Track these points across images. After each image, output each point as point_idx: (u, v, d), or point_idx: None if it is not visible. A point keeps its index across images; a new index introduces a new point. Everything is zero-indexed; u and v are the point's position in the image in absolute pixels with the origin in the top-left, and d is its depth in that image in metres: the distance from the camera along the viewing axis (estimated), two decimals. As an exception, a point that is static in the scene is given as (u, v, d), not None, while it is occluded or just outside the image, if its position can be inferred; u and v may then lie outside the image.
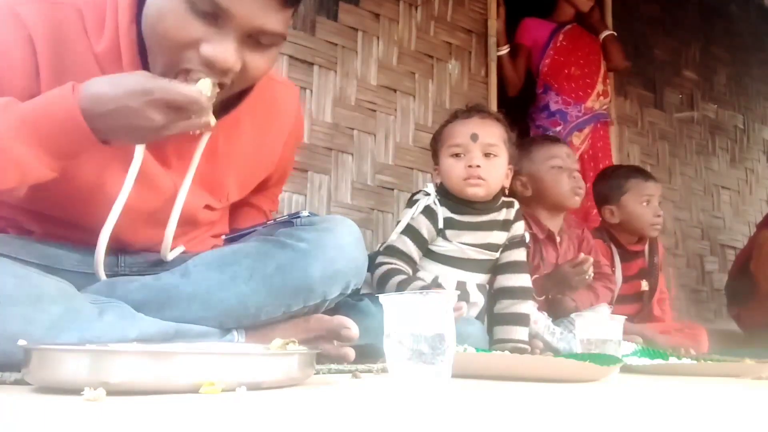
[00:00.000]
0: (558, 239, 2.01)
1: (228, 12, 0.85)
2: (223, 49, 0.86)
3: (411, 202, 1.65)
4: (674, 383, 1.12)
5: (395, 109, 2.38)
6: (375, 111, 2.34)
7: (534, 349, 1.63)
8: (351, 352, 1.13)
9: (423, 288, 1.47)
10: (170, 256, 1.12)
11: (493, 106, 2.62)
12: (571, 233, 2.08)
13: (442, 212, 1.59)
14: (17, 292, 0.84)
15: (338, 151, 2.22)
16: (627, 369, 1.28)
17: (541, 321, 1.73)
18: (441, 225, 1.58)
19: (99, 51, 0.92)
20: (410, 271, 1.54)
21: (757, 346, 2.30)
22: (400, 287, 1.45)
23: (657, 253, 2.36)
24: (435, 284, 1.57)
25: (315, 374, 0.93)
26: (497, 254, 1.66)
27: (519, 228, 1.68)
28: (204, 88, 0.83)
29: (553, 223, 2.01)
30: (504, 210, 1.67)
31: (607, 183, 2.39)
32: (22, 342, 0.73)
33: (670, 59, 3.53)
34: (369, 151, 2.30)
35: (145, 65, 0.93)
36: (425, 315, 0.80)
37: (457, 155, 1.59)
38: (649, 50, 3.43)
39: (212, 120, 0.86)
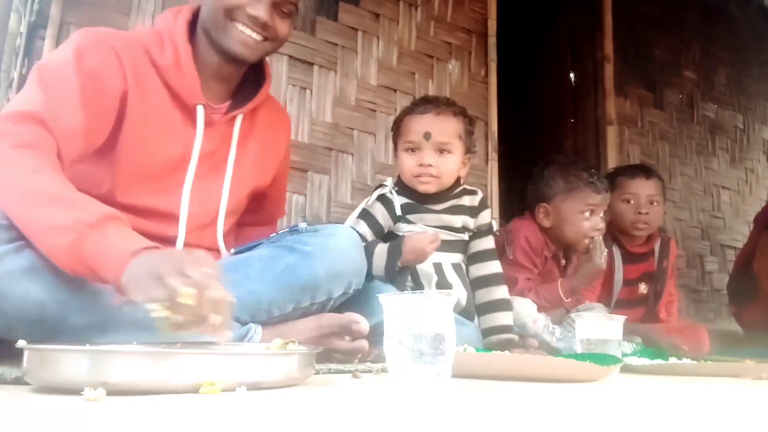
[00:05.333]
0: (563, 262, 2.02)
1: None
2: (262, 8, 1.22)
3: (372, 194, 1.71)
4: (674, 383, 1.12)
5: (395, 109, 2.38)
6: (375, 111, 2.33)
7: (529, 347, 1.63)
8: (365, 344, 1.19)
9: (390, 244, 1.53)
10: (223, 245, 1.31)
11: (493, 106, 2.62)
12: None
13: (399, 200, 1.64)
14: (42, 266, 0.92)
15: (338, 151, 2.22)
16: (627, 369, 1.29)
17: (540, 321, 1.73)
18: (399, 212, 1.63)
19: (164, 64, 1.21)
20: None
21: (757, 346, 2.29)
22: (368, 248, 1.48)
23: (668, 257, 2.31)
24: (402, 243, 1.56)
25: (315, 374, 0.93)
26: (465, 236, 1.69)
27: (486, 216, 1.72)
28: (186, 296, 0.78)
29: (562, 247, 2.02)
30: (466, 197, 1.70)
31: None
32: (21, 342, 0.74)
33: (670, 59, 3.53)
34: (369, 151, 2.30)
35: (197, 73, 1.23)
36: (425, 315, 0.80)
37: (411, 150, 1.64)
38: (649, 50, 3.42)
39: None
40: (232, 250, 1.34)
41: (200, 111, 1.25)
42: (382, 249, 1.53)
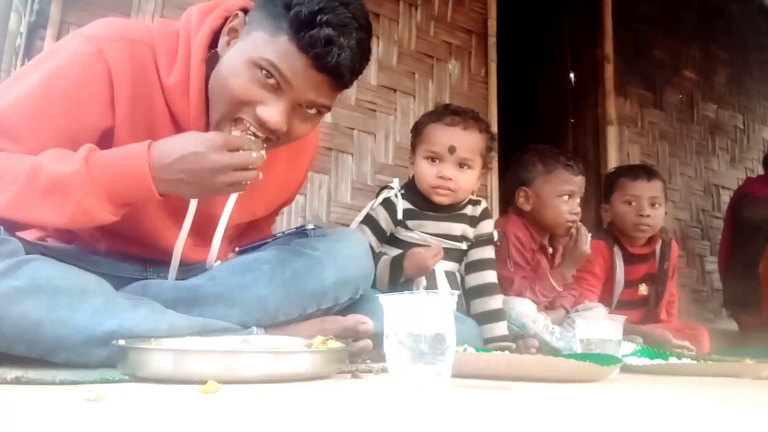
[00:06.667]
0: (550, 250, 2.02)
1: (290, 84, 1.01)
2: (275, 113, 1.02)
3: (378, 195, 1.69)
4: (674, 383, 1.12)
5: (395, 109, 2.38)
6: (375, 111, 2.33)
7: (530, 348, 1.63)
8: (369, 343, 1.19)
9: (393, 258, 1.54)
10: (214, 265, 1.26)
11: (493, 106, 2.62)
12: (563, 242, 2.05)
13: (403, 205, 1.63)
14: (64, 283, 0.94)
15: (338, 151, 2.22)
16: (627, 369, 1.29)
17: (540, 320, 1.73)
18: (400, 216, 1.62)
19: (169, 84, 1.06)
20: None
21: (757, 346, 2.29)
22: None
23: (669, 258, 2.30)
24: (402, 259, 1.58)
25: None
26: (463, 245, 1.68)
27: (486, 226, 1.71)
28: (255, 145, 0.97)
29: (546, 235, 2.01)
30: (470, 207, 1.70)
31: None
32: (121, 342, 0.88)
33: (670, 59, 3.53)
34: (369, 151, 2.30)
35: (206, 101, 1.08)
36: (425, 315, 0.80)
37: (432, 159, 1.62)
38: (649, 50, 3.42)
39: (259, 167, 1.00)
40: (237, 249, 1.32)
41: None
42: (385, 263, 1.55)
